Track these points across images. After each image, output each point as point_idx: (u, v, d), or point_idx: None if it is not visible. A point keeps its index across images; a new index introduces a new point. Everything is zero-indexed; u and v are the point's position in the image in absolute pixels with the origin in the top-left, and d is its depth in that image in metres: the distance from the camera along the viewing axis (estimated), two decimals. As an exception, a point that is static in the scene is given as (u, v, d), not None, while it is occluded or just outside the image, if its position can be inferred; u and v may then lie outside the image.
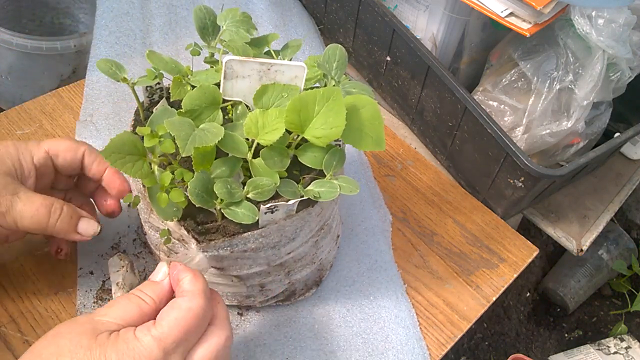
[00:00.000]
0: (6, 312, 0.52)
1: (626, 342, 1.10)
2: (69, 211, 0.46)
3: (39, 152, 0.47)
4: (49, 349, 0.36)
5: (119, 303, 0.39)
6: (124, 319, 0.38)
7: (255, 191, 0.41)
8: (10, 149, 0.46)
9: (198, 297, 0.39)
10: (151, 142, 0.40)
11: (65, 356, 0.36)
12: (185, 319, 0.38)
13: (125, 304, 0.39)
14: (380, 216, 0.66)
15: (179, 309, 0.38)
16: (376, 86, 0.81)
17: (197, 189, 0.39)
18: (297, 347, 0.53)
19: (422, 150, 0.76)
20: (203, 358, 0.38)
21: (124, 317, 0.38)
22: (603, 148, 0.63)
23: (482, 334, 1.18)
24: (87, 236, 0.47)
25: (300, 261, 0.51)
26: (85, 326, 0.37)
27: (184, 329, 0.37)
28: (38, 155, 0.47)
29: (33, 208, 0.44)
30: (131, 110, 0.69)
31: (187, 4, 0.82)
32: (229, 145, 0.41)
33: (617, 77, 0.67)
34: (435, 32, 0.73)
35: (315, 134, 0.42)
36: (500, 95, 0.69)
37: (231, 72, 0.43)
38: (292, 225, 0.45)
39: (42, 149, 0.47)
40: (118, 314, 0.38)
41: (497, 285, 0.62)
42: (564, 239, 0.76)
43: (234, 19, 0.49)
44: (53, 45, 0.89)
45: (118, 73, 0.46)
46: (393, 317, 0.57)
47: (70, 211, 0.46)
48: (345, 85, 0.48)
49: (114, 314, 0.39)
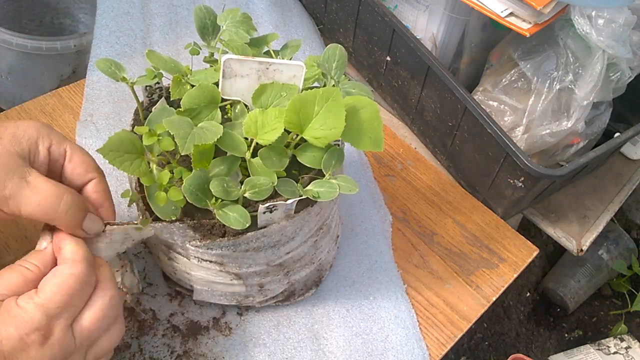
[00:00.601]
0: (6, 311, 0.52)
1: (626, 342, 1.10)
2: (79, 203, 0.42)
3: (60, 146, 0.43)
4: None
5: (2, 274, 0.38)
6: (8, 288, 0.37)
7: (253, 190, 0.41)
8: (31, 130, 0.42)
9: (79, 263, 0.39)
10: (150, 140, 0.40)
11: None
12: (67, 284, 0.37)
13: (8, 274, 0.38)
14: (380, 216, 0.66)
15: (61, 275, 0.38)
16: (376, 86, 0.81)
17: (192, 187, 0.39)
18: (297, 347, 0.53)
19: (422, 150, 0.76)
20: (90, 320, 0.38)
21: (7, 287, 0.38)
22: (603, 148, 0.63)
23: (482, 334, 1.18)
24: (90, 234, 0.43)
25: (300, 261, 0.51)
26: None
27: (66, 294, 0.37)
28: (57, 147, 0.43)
29: (41, 196, 0.40)
30: (131, 110, 0.68)
31: (188, 4, 0.82)
32: (227, 144, 0.41)
33: (617, 77, 0.67)
34: (435, 32, 0.73)
35: (314, 134, 0.42)
36: (500, 95, 0.69)
37: (230, 71, 0.43)
38: (293, 225, 0.45)
39: (63, 146, 0.43)
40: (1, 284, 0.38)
41: (497, 285, 0.62)
42: (564, 239, 0.76)
43: (234, 20, 0.49)
44: (53, 45, 0.89)
45: (117, 72, 0.46)
46: (393, 318, 0.57)
47: (81, 203, 0.42)
48: (345, 86, 0.48)
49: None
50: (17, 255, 0.55)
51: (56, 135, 0.43)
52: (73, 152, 0.43)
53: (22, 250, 0.56)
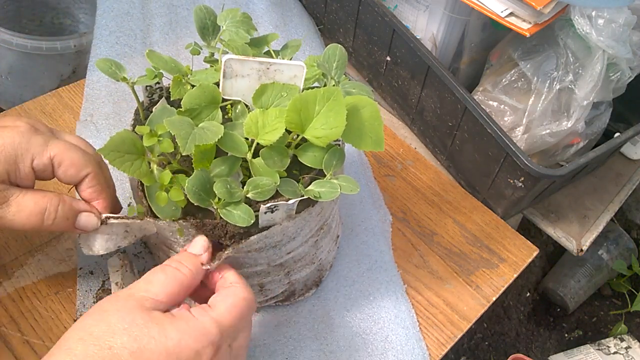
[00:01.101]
0: (6, 312, 0.52)
1: (626, 342, 1.10)
2: (65, 212, 0.42)
3: (42, 157, 0.42)
4: (100, 327, 0.35)
5: (156, 278, 0.39)
6: (167, 294, 0.38)
7: (255, 191, 0.41)
8: (8, 150, 0.41)
9: (249, 290, 0.41)
10: (150, 141, 0.40)
11: (119, 334, 0.35)
12: (241, 307, 0.39)
13: (164, 279, 0.39)
14: (380, 216, 0.66)
15: (235, 296, 0.39)
16: (376, 86, 0.81)
17: (195, 187, 0.39)
18: (297, 347, 0.53)
19: (422, 150, 0.76)
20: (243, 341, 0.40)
21: (166, 292, 0.38)
22: (603, 148, 0.63)
23: (482, 334, 1.18)
24: (87, 231, 0.43)
25: (300, 261, 0.51)
26: (132, 303, 0.37)
27: (238, 316, 0.39)
28: (39, 160, 0.42)
29: (24, 217, 0.41)
30: (131, 110, 0.69)
31: (188, 4, 0.82)
32: (228, 145, 0.41)
33: (617, 77, 0.67)
34: (435, 32, 0.73)
35: (315, 134, 0.42)
36: (500, 95, 0.69)
37: (230, 71, 0.43)
38: (294, 226, 0.45)
39: (47, 155, 0.42)
40: (159, 290, 0.38)
41: (497, 285, 0.62)
42: (564, 239, 0.76)
43: (234, 19, 0.49)
44: (53, 45, 0.89)
45: (117, 72, 0.46)
46: (393, 318, 0.57)
47: (66, 211, 0.42)
48: (345, 85, 0.48)
49: (155, 289, 0.38)
50: (17, 255, 0.56)
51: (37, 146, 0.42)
52: (62, 157, 0.43)
53: (22, 250, 0.56)
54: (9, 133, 0.41)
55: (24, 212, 0.41)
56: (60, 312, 0.53)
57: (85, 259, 0.56)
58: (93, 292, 0.54)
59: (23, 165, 0.42)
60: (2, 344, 0.50)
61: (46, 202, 0.42)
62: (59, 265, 0.55)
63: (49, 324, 0.52)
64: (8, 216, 0.41)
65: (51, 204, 0.42)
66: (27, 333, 0.51)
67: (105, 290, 0.54)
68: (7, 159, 0.41)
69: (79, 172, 0.43)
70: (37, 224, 0.42)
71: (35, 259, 0.56)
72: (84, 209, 0.44)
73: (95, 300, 0.53)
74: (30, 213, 0.41)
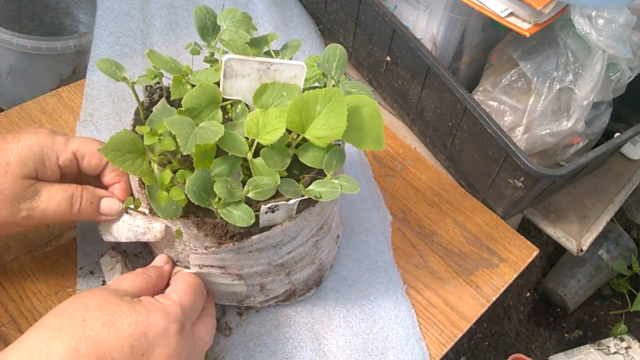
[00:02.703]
0: (6, 312, 0.52)
1: (626, 342, 1.10)
2: (89, 197, 0.46)
3: (66, 153, 0.46)
4: (74, 305, 0.39)
5: (128, 277, 0.44)
6: (136, 288, 0.43)
7: (256, 190, 0.41)
8: (35, 149, 0.45)
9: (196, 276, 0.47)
10: (151, 140, 0.40)
11: (92, 310, 0.38)
12: (193, 288, 0.44)
13: (134, 277, 0.44)
14: (380, 216, 0.66)
15: (185, 280, 0.45)
16: (376, 86, 0.81)
17: (196, 187, 0.39)
18: (297, 347, 0.53)
19: (422, 150, 0.76)
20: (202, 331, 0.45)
21: (135, 287, 0.43)
22: (603, 148, 0.63)
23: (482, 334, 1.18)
24: (111, 215, 0.47)
25: (301, 261, 0.51)
26: (106, 291, 0.41)
27: (193, 296, 0.44)
28: (64, 157, 0.46)
29: (54, 204, 0.45)
30: (131, 110, 0.68)
31: (188, 5, 0.82)
32: (229, 144, 0.41)
33: (617, 77, 0.67)
34: (435, 32, 0.73)
35: (316, 134, 0.42)
36: (500, 95, 0.69)
37: (231, 70, 0.43)
38: (295, 226, 0.45)
39: (70, 151, 0.46)
40: (129, 284, 0.43)
41: (497, 285, 0.62)
42: (564, 239, 0.76)
43: (234, 19, 0.49)
44: (53, 45, 0.89)
45: (118, 72, 0.46)
46: (393, 317, 0.57)
47: (90, 196, 0.46)
48: (345, 85, 0.48)
49: (125, 284, 0.43)
50: (17, 255, 0.56)
51: (60, 144, 0.46)
52: (83, 150, 0.47)
53: (22, 250, 0.56)
54: (34, 135, 0.46)
55: (54, 200, 0.45)
56: (60, 312, 0.52)
57: (85, 259, 0.56)
58: (93, 292, 0.54)
59: (49, 163, 0.46)
60: (2, 344, 0.50)
61: (72, 190, 0.46)
62: (59, 265, 0.55)
63: (49, 324, 0.52)
64: (41, 206, 0.45)
65: (77, 190, 0.46)
66: (27, 333, 0.51)
67: (105, 290, 0.54)
68: (35, 157, 0.45)
69: (101, 160, 0.47)
70: (67, 210, 0.45)
71: (35, 259, 0.56)
72: (105, 194, 0.48)
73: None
74: (60, 200, 0.45)
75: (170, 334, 0.40)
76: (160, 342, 0.39)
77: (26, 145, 0.45)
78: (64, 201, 0.45)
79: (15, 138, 0.45)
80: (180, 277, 0.46)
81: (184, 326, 0.41)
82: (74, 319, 0.37)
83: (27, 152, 0.44)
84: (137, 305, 0.40)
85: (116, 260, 0.53)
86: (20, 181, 0.44)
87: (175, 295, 0.43)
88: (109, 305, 0.39)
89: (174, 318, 0.40)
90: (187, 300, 0.43)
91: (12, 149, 0.44)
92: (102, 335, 0.37)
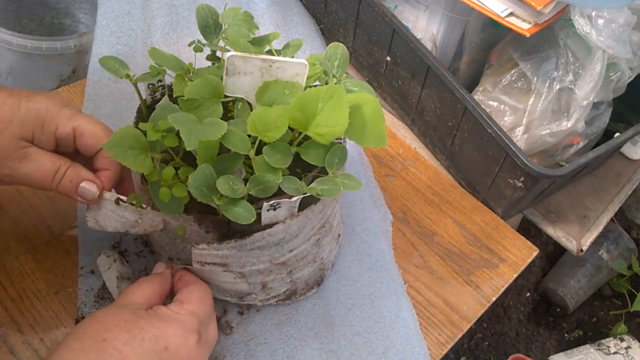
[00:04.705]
0: (6, 312, 0.52)
1: (626, 342, 1.10)
2: (71, 174, 0.45)
3: (66, 126, 0.45)
4: (93, 326, 0.39)
5: (134, 290, 0.44)
6: (145, 298, 0.43)
7: (258, 188, 0.41)
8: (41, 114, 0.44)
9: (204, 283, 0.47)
10: (154, 136, 0.40)
11: (112, 329, 0.39)
12: (207, 297, 0.45)
13: (141, 288, 0.44)
14: (381, 216, 0.66)
15: (199, 289, 0.45)
16: (376, 86, 0.81)
17: (198, 183, 0.39)
18: (298, 346, 0.53)
19: (422, 150, 0.77)
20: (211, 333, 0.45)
21: (144, 297, 0.43)
22: (603, 148, 0.64)
23: (482, 334, 1.18)
24: (85, 199, 0.46)
25: (303, 260, 0.51)
26: (118, 308, 0.41)
27: (207, 304, 0.45)
28: (63, 129, 0.45)
29: (38, 173, 0.44)
30: (133, 110, 0.68)
31: (189, 4, 0.82)
32: (231, 142, 0.41)
33: (617, 77, 0.67)
34: (435, 32, 0.74)
35: (318, 131, 0.42)
36: (500, 95, 0.70)
37: (233, 68, 0.43)
38: (296, 224, 0.45)
39: (70, 125, 0.45)
40: (138, 297, 0.43)
41: (497, 285, 0.62)
42: (564, 239, 0.76)
43: (236, 18, 0.49)
44: (53, 45, 0.89)
45: (121, 70, 0.46)
46: (394, 317, 0.57)
47: (72, 174, 0.45)
48: (347, 84, 0.48)
49: (134, 297, 0.43)
50: (17, 255, 0.55)
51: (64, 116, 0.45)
52: (83, 128, 0.46)
53: (22, 250, 0.56)
54: (45, 100, 0.45)
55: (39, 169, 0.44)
56: (60, 312, 0.52)
57: (86, 258, 0.56)
58: (94, 292, 0.53)
59: (47, 131, 0.45)
60: (2, 344, 0.50)
61: (60, 162, 0.45)
62: (59, 265, 0.55)
63: (49, 324, 0.51)
64: (24, 170, 0.44)
65: (64, 164, 0.45)
66: (27, 333, 0.51)
67: (107, 289, 0.54)
68: (36, 120, 0.44)
69: (98, 144, 0.46)
70: (47, 181, 0.45)
71: (35, 259, 0.56)
72: (88, 177, 0.46)
73: (97, 300, 0.53)
74: (44, 171, 0.45)
75: (189, 345, 0.40)
76: (181, 354, 0.40)
77: (34, 108, 0.44)
78: (47, 173, 0.45)
79: (28, 97, 0.44)
80: (191, 286, 0.46)
81: (202, 335, 0.42)
82: (94, 340, 0.38)
83: (33, 114, 0.44)
84: (154, 319, 0.40)
85: (113, 259, 0.53)
86: (14, 141, 0.43)
87: (189, 305, 0.43)
88: (127, 323, 0.39)
89: (192, 328, 0.41)
90: (201, 310, 0.43)
91: (21, 107, 0.43)
92: (125, 354, 0.37)
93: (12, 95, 0.44)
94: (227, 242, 0.43)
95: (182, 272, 0.48)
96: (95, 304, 0.53)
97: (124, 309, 0.41)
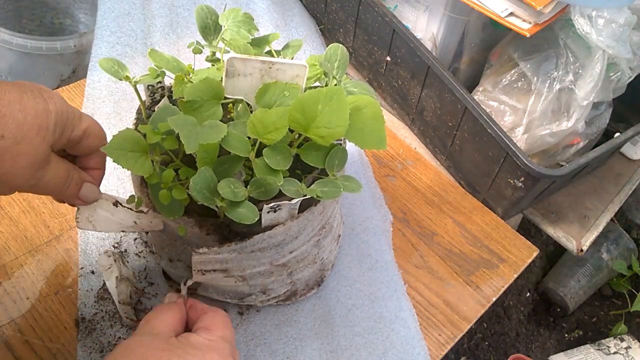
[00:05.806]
0: (6, 312, 0.52)
1: (626, 342, 1.11)
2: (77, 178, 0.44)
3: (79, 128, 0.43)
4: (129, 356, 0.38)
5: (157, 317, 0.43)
6: (170, 327, 0.43)
7: (258, 190, 0.41)
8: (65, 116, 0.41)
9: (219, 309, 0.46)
10: (153, 139, 0.40)
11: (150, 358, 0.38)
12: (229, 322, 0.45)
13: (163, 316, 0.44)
14: (381, 216, 0.66)
15: (220, 315, 0.45)
16: (376, 86, 0.81)
17: (199, 186, 0.39)
18: (298, 346, 0.53)
19: (422, 150, 0.77)
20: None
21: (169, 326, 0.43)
22: (603, 148, 0.64)
23: (482, 334, 1.18)
24: (87, 201, 0.45)
25: (303, 261, 0.51)
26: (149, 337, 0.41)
27: (231, 329, 0.44)
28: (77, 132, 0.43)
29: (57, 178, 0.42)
30: (132, 110, 0.69)
31: (189, 5, 0.82)
32: (231, 144, 0.41)
33: (617, 77, 0.67)
34: (435, 32, 0.74)
35: (318, 133, 0.42)
36: (500, 95, 0.70)
37: (233, 70, 0.43)
38: (297, 225, 0.45)
39: (82, 127, 0.43)
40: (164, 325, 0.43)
41: (497, 285, 0.62)
42: (564, 239, 0.76)
43: (236, 19, 0.49)
44: (53, 45, 0.89)
45: (120, 71, 0.46)
46: (394, 317, 0.57)
47: (77, 178, 0.44)
48: (347, 85, 0.48)
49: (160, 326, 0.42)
50: (17, 255, 0.55)
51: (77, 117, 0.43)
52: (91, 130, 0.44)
53: (22, 250, 0.56)
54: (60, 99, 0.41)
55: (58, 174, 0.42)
56: (60, 312, 0.52)
57: (86, 258, 0.56)
58: (94, 292, 0.54)
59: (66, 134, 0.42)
60: (2, 344, 0.50)
61: (69, 166, 0.43)
62: (59, 265, 0.55)
63: (49, 324, 0.52)
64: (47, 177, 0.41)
65: (72, 167, 0.44)
66: (27, 333, 0.51)
67: (107, 289, 0.54)
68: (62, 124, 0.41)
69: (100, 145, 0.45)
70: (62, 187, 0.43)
71: (35, 259, 0.56)
72: (88, 179, 0.45)
73: (97, 300, 0.53)
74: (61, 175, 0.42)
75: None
76: None
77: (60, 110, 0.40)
78: (62, 179, 0.42)
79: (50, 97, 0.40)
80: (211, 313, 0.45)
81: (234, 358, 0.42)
82: None
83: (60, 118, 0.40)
84: (189, 347, 0.40)
85: (113, 259, 0.53)
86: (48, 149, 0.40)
87: (218, 331, 0.43)
88: (164, 353, 0.38)
89: (226, 354, 0.41)
90: (228, 334, 0.43)
91: (52, 111, 0.39)
92: None
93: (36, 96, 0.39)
94: (228, 245, 0.43)
95: (192, 301, 0.47)
96: (95, 304, 0.53)
97: (156, 337, 0.40)
